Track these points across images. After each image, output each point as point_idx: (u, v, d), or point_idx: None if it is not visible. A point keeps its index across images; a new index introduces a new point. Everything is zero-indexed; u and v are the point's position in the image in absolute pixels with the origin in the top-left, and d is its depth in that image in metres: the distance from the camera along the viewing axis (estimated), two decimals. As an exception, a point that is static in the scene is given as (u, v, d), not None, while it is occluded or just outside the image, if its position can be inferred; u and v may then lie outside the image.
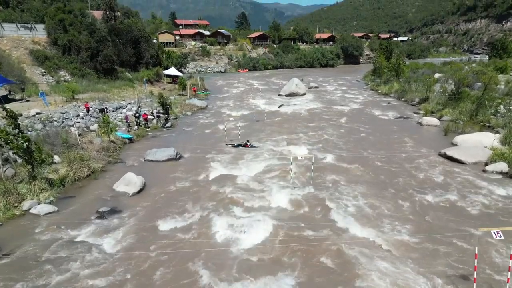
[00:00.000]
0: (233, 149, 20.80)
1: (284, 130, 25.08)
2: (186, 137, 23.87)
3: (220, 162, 18.48)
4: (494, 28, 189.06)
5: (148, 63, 47.78)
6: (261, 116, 29.68)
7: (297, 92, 42.55)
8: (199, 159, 18.86)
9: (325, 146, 21.09)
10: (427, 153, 19.75)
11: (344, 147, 20.94)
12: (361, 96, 42.65)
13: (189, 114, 31.29)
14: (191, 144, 21.88)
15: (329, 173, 16.63)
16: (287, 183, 15.44)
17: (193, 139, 23.29)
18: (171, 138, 23.48)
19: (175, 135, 24.17)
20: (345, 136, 23.65)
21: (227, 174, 16.78)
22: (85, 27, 40.70)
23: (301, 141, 22.01)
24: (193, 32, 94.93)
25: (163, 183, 15.69)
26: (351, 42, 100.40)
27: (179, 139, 23.23)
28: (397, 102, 38.18)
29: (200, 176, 16.57)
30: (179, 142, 22.24)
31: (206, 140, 22.75)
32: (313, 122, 27.72)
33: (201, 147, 21.10)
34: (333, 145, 21.31)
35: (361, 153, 19.82)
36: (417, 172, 16.91)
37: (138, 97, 28.52)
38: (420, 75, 48.70)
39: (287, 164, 17.08)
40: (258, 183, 15.51)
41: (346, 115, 31.02)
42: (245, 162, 18.35)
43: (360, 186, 15.18)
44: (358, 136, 23.69)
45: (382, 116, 30.76)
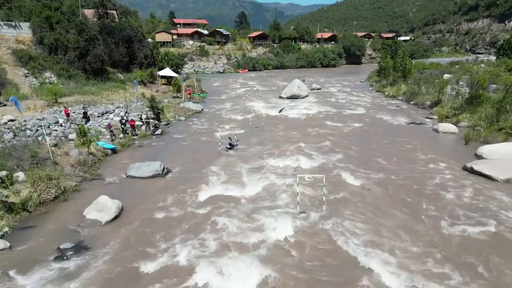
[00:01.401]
0: (229, 160, 18.36)
1: (286, 139, 22.59)
2: (177, 146, 21.38)
3: (213, 178, 16.01)
4: (496, 27, 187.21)
5: (142, 63, 45.32)
6: (260, 121, 27.22)
7: (299, 95, 40.08)
8: (189, 175, 16.39)
9: (334, 159, 18.57)
10: (450, 167, 17.29)
11: (356, 160, 18.42)
12: (366, 99, 40.18)
13: (183, 119, 28.81)
14: (181, 155, 19.41)
15: (342, 196, 14.10)
16: (293, 208, 12.95)
17: (184, 149, 20.81)
18: (159, 148, 20.98)
19: (164, 145, 21.66)
20: (355, 146, 21.17)
21: (221, 195, 14.31)
22: (74, 25, 38.22)
23: (306, 153, 19.50)
24: (191, 32, 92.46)
25: (143, 207, 13.21)
26: (353, 42, 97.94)
27: (169, 149, 20.75)
28: (406, 105, 35.71)
29: (188, 197, 14.10)
30: (168, 153, 19.77)
31: (199, 151, 20.28)
32: (317, 129, 25.24)
33: (193, 159, 18.64)
34: (343, 158, 18.80)
35: (376, 169, 17.33)
36: (443, 192, 14.42)
37: (126, 100, 26.01)
38: (428, 76, 46.30)
39: (292, 183, 14.61)
40: (257, 209, 13.04)
41: (353, 120, 28.55)
42: (243, 179, 15.87)
43: (382, 214, 12.67)
44: (369, 146, 21.20)
45: (392, 121, 28.29)
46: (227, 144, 20.25)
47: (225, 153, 19.62)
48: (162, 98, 36.04)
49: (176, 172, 16.94)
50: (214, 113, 32.00)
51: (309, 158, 18.78)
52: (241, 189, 14.73)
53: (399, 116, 29.94)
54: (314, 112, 31.65)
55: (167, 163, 17.61)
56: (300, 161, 18.20)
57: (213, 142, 21.29)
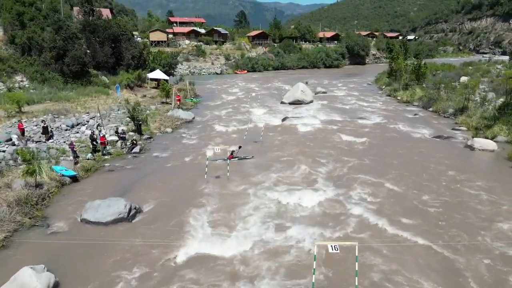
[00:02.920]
0: (217, 194, 14.26)
1: (289, 161, 18.45)
2: (155, 171, 17.22)
3: (197, 224, 11.92)
4: (500, 26, 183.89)
5: (130, 65, 41.13)
6: (257, 134, 23.05)
7: (302, 100, 35.94)
8: (165, 218, 12.29)
9: (356, 197, 14.32)
10: (509, 205, 13.20)
11: (386, 200, 14.07)
12: (378, 104, 36.06)
13: (169, 131, 24.65)
14: (158, 185, 15.28)
15: (385, 270, 9.97)
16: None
17: (164, 175, 16.67)
18: (133, 174, 16.81)
19: (140, 168, 17.46)
20: (379, 172, 17.03)
21: (205, 254, 10.21)
22: (50, 22, 34.05)
23: (318, 185, 15.26)
24: (188, 30, 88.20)
25: (89, 282, 9.10)
26: (357, 41, 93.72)
27: (144, 175, 16.58)
28: (424, 112, 31.61)
29: (160, 260, 9.99)
30: (143, 182, 15.65)
31: (181, 178, 16.15)
32: (328, 146, 21.10)
33: (172, 191, 14.53)
34: (368, 195, 14.57)
35: (421, 216, 13.21)
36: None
37: (99, 109, 21.86)
38: (443, 78, 42.18)
39: (303, 246, 10.51)
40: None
41: (369, 133, 24.42)
42: (233, 234, 11.75)
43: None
44: (398, 172, 17.03)
45: (414, 134, 24.18)
46: (231, 153, 18.00)
47: (212, 183, 15.50)
48: (149, 105, 31.92)
49: (147, 213, 12.82)
50: (206, 122, 27.85)
51: (322, 190, 14.61)
52: (230, 250, 10.48)
53: (421, 127, 25.84)
54: (322, 122, 27.49)
55: (138, 198, 13.53)
56: (311, 195, 14.06)
57: (200, 165, 17.14)
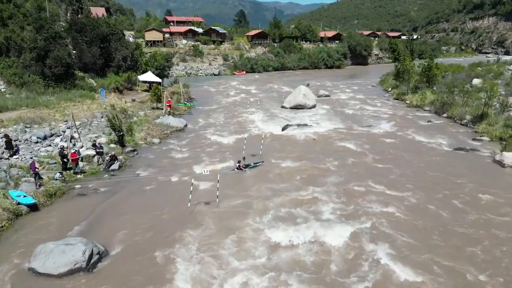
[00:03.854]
0: (202, 231, 11.64)
1: (291, 182, 15.82)
2: (133, 194, 14.55)
3: (176, 269, 9.31)
4: (503, 26, 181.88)
5: (120, 66, 38.47)
6: (256, 146, 20.41)
7: (305, 104, 33.27)
8: (134, 267, 9.66)
9: (378, 234, 11.73)
10: None
11: (414, 242, 11.58)
12: (386, 109, 33.40)
13: (157, 142, 21.98)
14: (134, 216, 12.64)
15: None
16: None
17: (143, 201, 14.02)
18: (106, 199, 14.13)
19: (115, 192, 14.78)
20: (398, 199, 14.41)
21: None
22: (31, 20, 31.40)
23: (328, 218, 12.63)
24: (185, 30, 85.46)
25: None
26: (359, 41, 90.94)
27: (119, 201, 13.92)
28: (438, 118, 28.97)
29: None
30: (116, 211, 13.02)
31: (163, 205, 13.49)
32: (336, 162, 18.45)
33: (149, 226, 11.89)
34: (393, 232, 12.01)
35: (456, 262, 10.61)
36: None
37: (73, 118, 19.16)
38: (454, 80, 39.58)
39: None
40: None
41: (381, 145, 21.78)
42: (224, 278, 9.14)
43: None
44: (421, 197, 14.42)
45: (431, 145, 21.53)
46: (238, 164, 17.09)
47: (197, 213, 12.86)
48: (138, 110, 29.29)
49: (114, 258, 10.18)
50: (199, 131, 25.18)
51: (334, 227, 11.96)
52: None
53: (437, 136, 23.19)
54: (327, 131, 24.83)
55: (106, 235, 10.92)
56: (322, 231, 11.42)
57: (186, 186, 14.43)
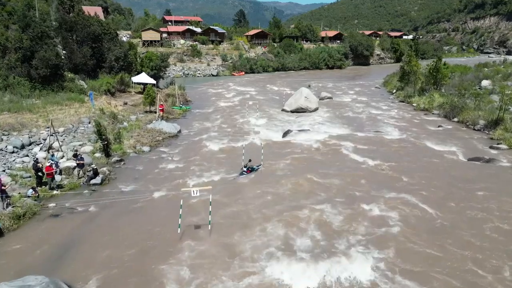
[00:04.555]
0: (193, 261, 9.88)
1: (295, 202, 14.05)
2: (114, 216, 12.75)
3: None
4: (505, 26, 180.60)
5: (112, 67, 36.70)
6: (255, 156, 18.64)
7: (306, 108, 31.52)
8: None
9: (402, 265, 9.99)
10: None
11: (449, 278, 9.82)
12: (393, 113, 31.63)
13: (147, 150, 20.20)
14: (111, 246, 10.85)
15: None
16: None
17: (124, 224, 12.22)
18: (82, 221, 12.36)
19: (93, 212, 13.02)
20: (416, 226, 12.65)
21: None
22: (17, 19, 29.63)
23: (343, 250, 10.87)
24: (183, 29, 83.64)
25: None
26: (361, 41, 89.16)
27: (96, 225, 12.12)
28: (449, 123, 27.20)
29: None
30: (91, 237, 11.24)
31: (148, 230, 11.71)
32: (344, 173, 16.69)
33: (128, 259, 10.12)
34: (420, 264, 10.24)
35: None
36: None
37: (52, 125, 17.36)
38: (462, 81, 37.89)
39: None
40: None
41: (389, 152, 20.04)
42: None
43: None
44: (444, 221, 12.66)
45: (445, 154, 19.76)
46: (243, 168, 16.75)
47: (187, 241, 11.09)
48: (129, 114, 27.55)
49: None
50: (193, 138, 23.40)
51: (350, 264, 10.20)
52: None
53: (450, 143, 21.44)
54: (331, 137, 23.05)
55: (75, 270, 9.15)
56: (337, 270, 9.66)
57: (175, 205, 12.64)
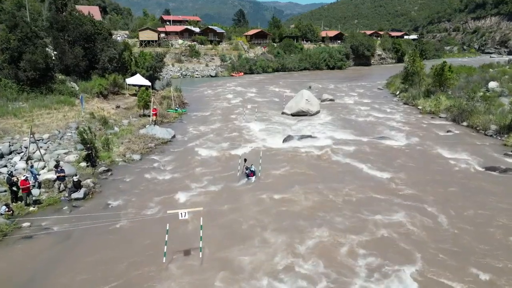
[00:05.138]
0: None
1: (299, 225, 12.66)
2: (94, 237, 11.36)
3: None
4: (506, 26, 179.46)
5: (106, 68, 35.29)
6: (254, 165, 17.29)
7: (308, 111, 30.14)
8: None
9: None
10: None
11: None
12: (398, 116, 30.25)
13: (137, 159, 18.79)
14: (90, 273, 9.47)
15: None
16: None
17: (105, 248, 10.82)
18: (56, 244, 10.97)
19: (71, 233, 11.59)
20: (439, 242, 11.29)
21: None
22: (4, 18, 28.24)
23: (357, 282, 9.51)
24: (181, 29, 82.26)
25: None
26: (362, 41, 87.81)
27: (74, 251, 10.72)
28: (457, 127, 25.83)
29: None
30: (67, 264, 9.85)
31: (132, 258, 10.32)
32: (350, 185, 15.30)
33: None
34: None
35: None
36: None
37: (32, 132, 15.98)
38: (468, 83, 36.57)
39: None
40: None
41: (397, 160, 18.66)
42: None
43: None
44: (468, 243, 11.32)
45: (458, 162, 18.38)
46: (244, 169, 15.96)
47: (173, 273, 9.70)
48: (121, 119, 26.16)
49: None
50: (188, 144, 22.00)
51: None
52: None
53: (461, 151, 20.05)
54: (334, 144, 21.66)
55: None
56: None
57: (162, 230, 11.22)
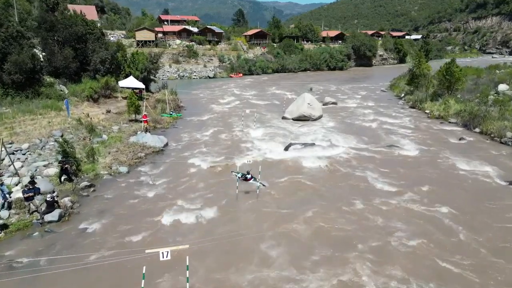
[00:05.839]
0: None
1: (301, 253, 11.01)
2: (66, 275, 9.68)
3: None
4: (507, 26, 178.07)
5: (97, 70, 33.61)
6: (251, 182, 15.61)
7: (309, 115, 28.47)
8: None
9: None
10: None
11: None
12: (405, 122, 28.58)
13: (124, 172, 17.07)
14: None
15: None
16: None
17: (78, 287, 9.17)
18: (25, 280, 9.30)
19: (40, 267, 9.94)
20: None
21: None
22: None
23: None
24: (179, 29, 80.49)
25: None
26: (363, 41, 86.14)
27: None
28: (470, 134, 24.15)
29: None
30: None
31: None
32: (358, 209, 13.64)
33: None
34: None
35: None
36: None
37: (3, 144, 14.26)
38: (476, 85, 34.98)
39: None
40: None
41: (411, 173, 16.99)
42: None
43: None
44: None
45: (478, 176, 16.71)
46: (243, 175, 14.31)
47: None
48: (111, 124, 24.46)
49: None
50: (181, 153, 20.29)
51: None
52: None
53: (479, 162, 18.39)
54: (339, 153, 19.99)
55: None
56: None
57: (147, 266, 9.58)
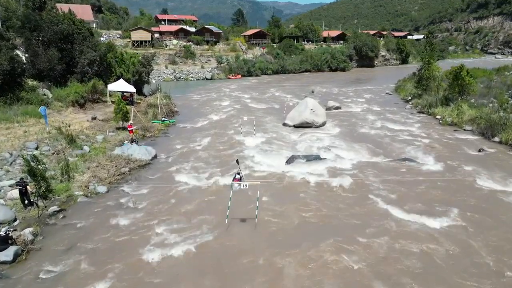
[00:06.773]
0: None
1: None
2: None
3: None
4: (509, 25, 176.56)
5: (85, 72, 31.46)
6: (247, 203, 13.43)
7: (312, 122, 26.31)
8: None
9: None
10: None
11: None
12: (416, 128, 26.43)
13: (103, 192, 14.88)
14: None
15: None
16: None
17: None
18: None
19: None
20: None
21: None
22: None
23: None
24: (176, 29, 78.29)
25: None
26: (366, 41, 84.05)
27: None
28: (489, 144, 21.97)
29: None
30: None
31: None
32: (378, 241, 11.48)
33: None
34: None
35: None
36: None
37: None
38: (488, 88, 32.93)
39: None
40: None
41: (433, 196, 14.85)
42: None
43: None
44: None
45: (507, 197, 14.61)
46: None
47: None
48: (96, 133, 22.28)
49: None
50: (170, 168, 18.11)
51: None
52: None
53: (506, 179, 16.27)
54: (348, 168, 17.83)
55: None
56: None
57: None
